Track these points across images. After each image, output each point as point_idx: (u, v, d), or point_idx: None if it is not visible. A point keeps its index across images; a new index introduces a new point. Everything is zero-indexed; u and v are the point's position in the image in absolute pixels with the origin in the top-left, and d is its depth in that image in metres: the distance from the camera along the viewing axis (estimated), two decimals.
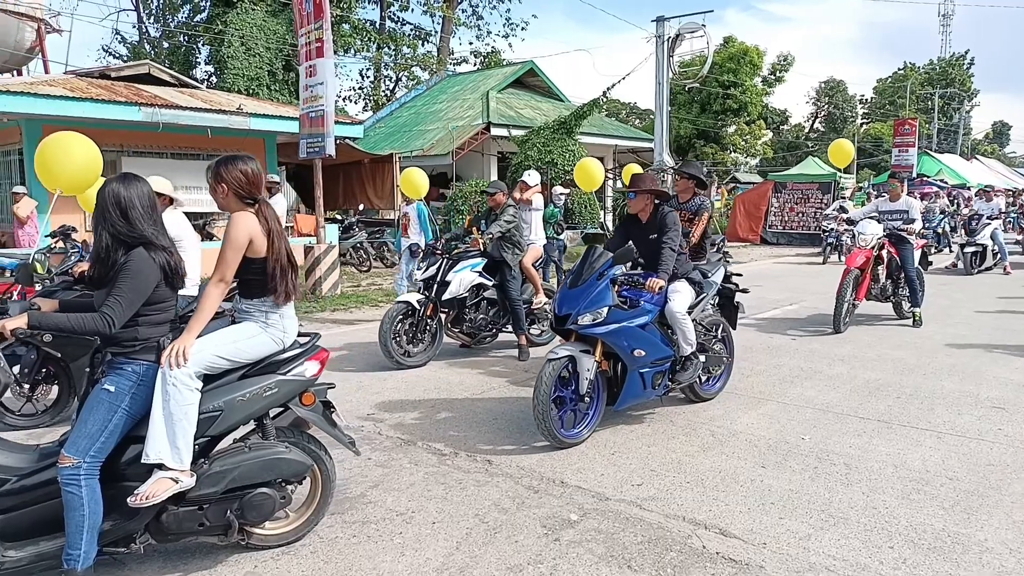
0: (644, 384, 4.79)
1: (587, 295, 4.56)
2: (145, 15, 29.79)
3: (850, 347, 7.55)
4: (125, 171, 3.14)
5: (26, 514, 2.79)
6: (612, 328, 4.57)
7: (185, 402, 2.85)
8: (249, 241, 3.03)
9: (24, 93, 11.44)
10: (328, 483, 3.40)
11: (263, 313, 3.16)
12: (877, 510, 3.69)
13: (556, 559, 3.22)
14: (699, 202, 6.07)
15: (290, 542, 3.33)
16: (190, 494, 2.93)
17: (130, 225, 2.85)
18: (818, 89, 55.67)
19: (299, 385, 3.23)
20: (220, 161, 3.14)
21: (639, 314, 4.76)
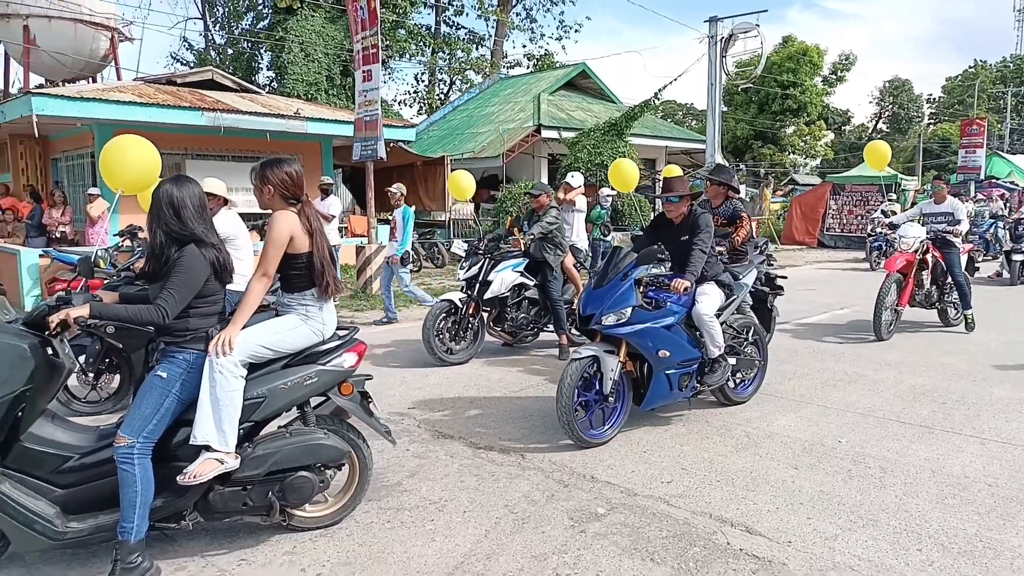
0: (671, 385, 4.81)
1: (611, 295, 4.61)
2: (211, 23, 30.89)
3: (898, 352, 7.40)
4: (179, 173, 3.36)
5: (87, 489, 3.02)
6: (636, 328, 4.59)
7: (231, 388, 3.04)
8: (290, 238, 3.22)
9: (96, 99, 12.06)
10: (365, 470, 3.57)
11: (304, 306, 3.34)
12: (909, 513, 3.66)
13: (580, 550, 3.31)
14: (733, 206, 6.06)
15: (328, 525, 3.50)
16: (235, 475, 3.13)
17: (182, 223, 3.07)
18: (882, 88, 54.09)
19: (338, 375, 3.40)
20: (265, 163, 3.34)
21: (664, 315, 4.76)
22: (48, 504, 2.95)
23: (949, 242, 8.23)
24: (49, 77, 20.80)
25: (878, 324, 7.81)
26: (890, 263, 8.09)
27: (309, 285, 3.34)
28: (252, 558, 3.23)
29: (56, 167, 14.82)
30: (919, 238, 8.03)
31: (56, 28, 19.49)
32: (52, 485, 2.99)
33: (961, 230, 8.18)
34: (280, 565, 3.18)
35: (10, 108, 12.47)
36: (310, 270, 3.31)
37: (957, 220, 8.21)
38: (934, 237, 8.21)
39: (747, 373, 5.57)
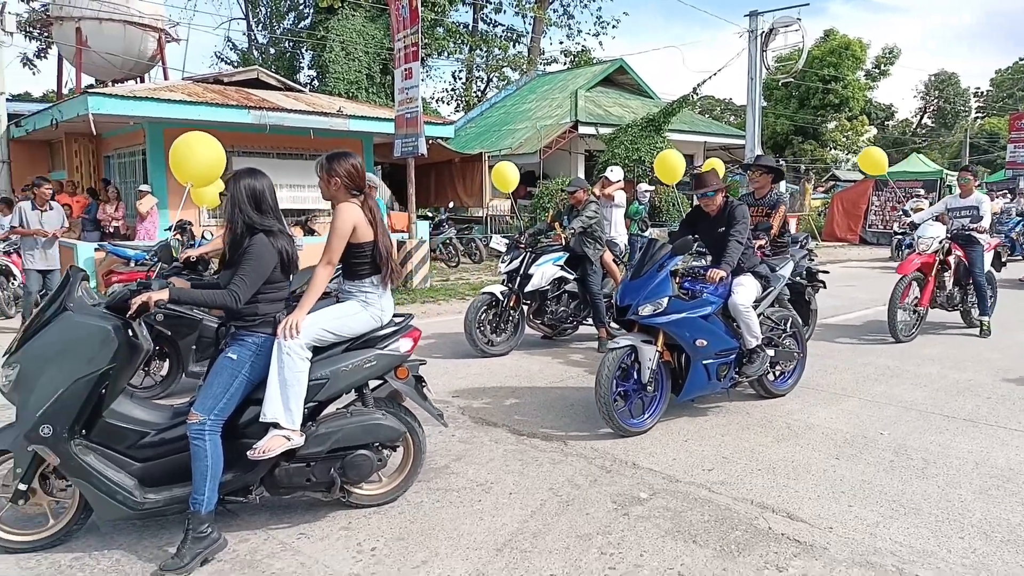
0: (709, 375, 4.87)
1: (647, 286, 4.67)
2: (254, 23, 31.51)
3: (942, 348, 7.33)
4: (249, 167, 3.53)
5: (162, 463, 3.23)
6: (673, 318, 4.67)
7: (297, 369, 3.22)
8: (353, 228, 3.39)
9: (148, 98, 12.47)
10: (419, 451, 3.73)
11: (364, 293, 3.51)
12: (951, 503, 3.69)
13: (624, 531, 3.41)
14: (776, 196, 6.07)
15: (384, 503, 3.67)
16: (299, 452, 3.31)
17: (262, 215, 3.25)
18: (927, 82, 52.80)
19: (395, 359, 3.57)
20: (331, 156, 3.51)
21: (701, 305, 4.82)
22: (127, 476, 3.16)
23: (973, 240, 7.86)
24: (100, 77, 21.47)
25: (893, 325, 7.53)
26: (905, 265, 7.77)
27: (370, 273, 3.50)
28: (311, 532, 3.40)
29: (108, 164, 15.32)
30: (938, 238, 7.73)
31: (106, 30, 20.10)
32: (131, 459, 3.20)
33: (984, 227, 7.79)
34: (337, 539, 3.33)
35: (67, 107, 12.95)
36: (372, 259, 3.47)
37: (980, 216, 7.82)
38: (955, 235, 7.89)
39: (786, 366, 5.59)
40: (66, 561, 3.13)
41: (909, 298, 7.74)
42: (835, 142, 38.53)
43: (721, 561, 3.14)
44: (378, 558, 3.16)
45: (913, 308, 7.79)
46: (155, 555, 3.17)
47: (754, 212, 6.01)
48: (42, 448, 3.02)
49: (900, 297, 7.58)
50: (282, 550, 3.23)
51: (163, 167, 13.49)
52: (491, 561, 3.13)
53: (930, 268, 7.76)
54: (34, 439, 3.01)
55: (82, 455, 3.08)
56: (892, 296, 7.59)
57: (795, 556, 3.18)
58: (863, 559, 3.14)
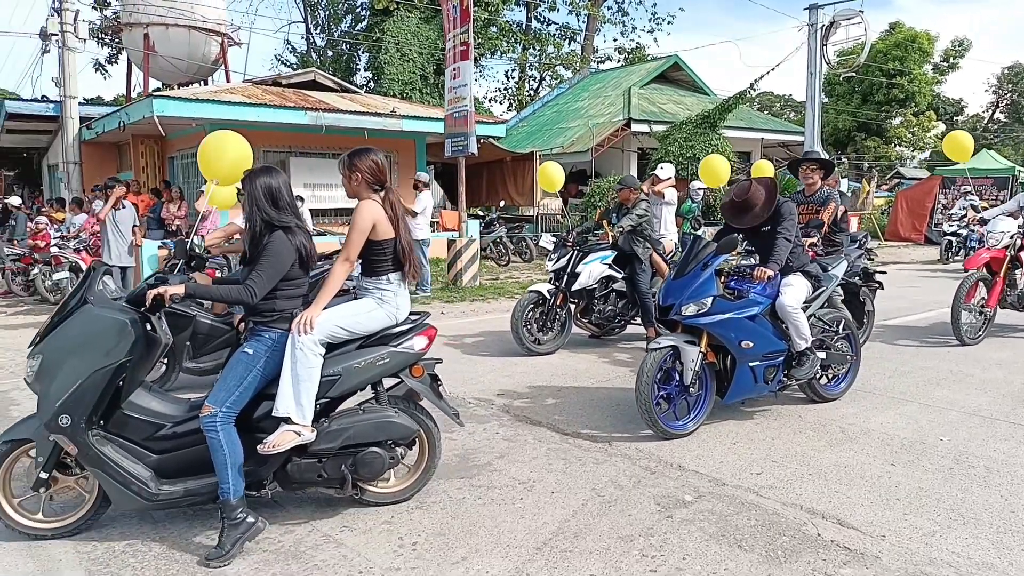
0: (755, 378, 4.72)
1: (691, 285, 4.56)
2: (312, 26, 32.21)
3: (1009, 352, 7.00)
4: (266, 164, 3.58)
5: (178, 455, 3.28)
6: (717, 319, 4.53)
7: (310, 365, 3.24)
8: (373, 225, 3.39)
9: (210, 100, 12.87)
10: (434, 450, 3.69)
11: (380, 290, 3.50)
12: (1015, 513, 3.52)
13: (667, 533, 3.35)
14: (827, 192, 5.88)
15: (398, 501, 3.64)
16: (311, 448, 3.31)
17: (279, 212, 3.29)
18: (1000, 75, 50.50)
19: (409, 357, 3.54)
20: (352, 153, 3.53)
21: (747, 305, 4.68)
22: (144, 467, 3.23)
23: None
24: (166, 81, 22.25)
25: (957, 327, 7.21)
26: (973, 260, 7.48)
27: (387, 270, 3.49)
28: (354, 525, 3.45)
29: (172, 165, 15.86)
30: (1009, 233, 7.39)
31: (172, 35, 20.81)
32: (148, 450, 3.26)
33: None
34: (379, 533, 3.37)
35: (134, 110, 13.47)
36: (392, 256, 3.47)
37: None
38: None
39: (838, 369, 5.40)
40: (120, 547, 3.25)
41: (975, 298, 7.40)
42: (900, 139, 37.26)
43: (767, 567, 3.06)
44: (418, 553, 3.18)
45: (979, 309, 7.45)
46: (204, 542, 3.26)
47: (803, 210, 5.85)
48: (61, 438, 3.10)
49: (965, 297, 7.26)
50: (325, 542, 3.29)
51: None
52: (531, 560, 3.12)
53: (999, 265, 7.42)
54: (54, 428, 3.09)
55: (99, 445, 3.15)
56: (956, 296, 7.28)
57: (844, 564, 3.07)
58: (917, 569, 3.02)
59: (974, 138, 32.24)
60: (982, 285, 7.45)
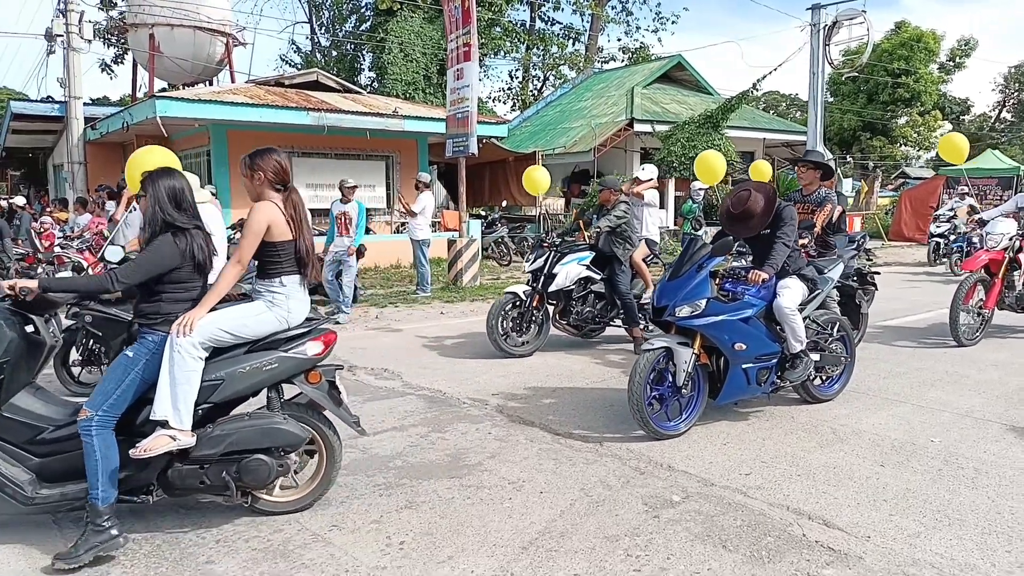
0: (748, 380, 4.73)
1: (685, 287, 4.57)
2: (317, 26, 32.30)
3: (1008, 353, 7.00)
4: (166, 166, 3.52)
5: (59, 459, 3.23)
6: (711, 321, 4.55)
7: (188, 368, 3.18)
8: (268, 227, 3.36)
9: (212, 101, 12.94)
10: (332, 459, 3.58)
11: (272, 293, 3.44)
12: (1000, 514, 3.53)
13: (653, 534, 3.38)
14: (823, 194, 5.90)
15: (295, 511, 3.56)
16: (193, 453, 3.26)
17: (181, 214, 3.30)
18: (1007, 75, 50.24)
19: (300, 363, 3.43)
20: (254, 153, 3.51)
21: (741, 308, 4.69)
22: (24, 471, 3.18)
23: None
24: (171, 81, 22.34)
25: (955, 328, 7.21)
26: (971, 262, 7.49)
27: (280, 272, 3.43)
28: (343, 524, 3.48)
29: None
30: (1008, 234, 7.40)
31: (178, 35, 20.89)
32: (29, 454, 3.22)
33: None
34: (367, 532, 3.41)
35: (137, 111, 13.56)
36: (288, 258, 3.43)
37: None
38: None
39: (832, 370, 5.41)
40: None
41: (973, 300, 7.40)
42: (905, 138, 37.14)
43: (750, 567, 3.08)
44: (405, 552, 3.22)
45: (977, 311, 7.45)
46: (195, 541, 3.31)
47: (800, 209, 5.87)
48: None
49: (964, 298, 7.26)
50: (314, 541, 3.32)
51: (226, 167, 14.01)
52: (516, 559, 3.15)
53: (998, 266, 7.41)
54: None
55: None
56: (955, 297, 7.28)
57: (827, 564, 3.10)
58: (900, 570, 3.04)
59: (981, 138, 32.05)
60: (980, 286, 7.44)
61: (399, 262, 14.42)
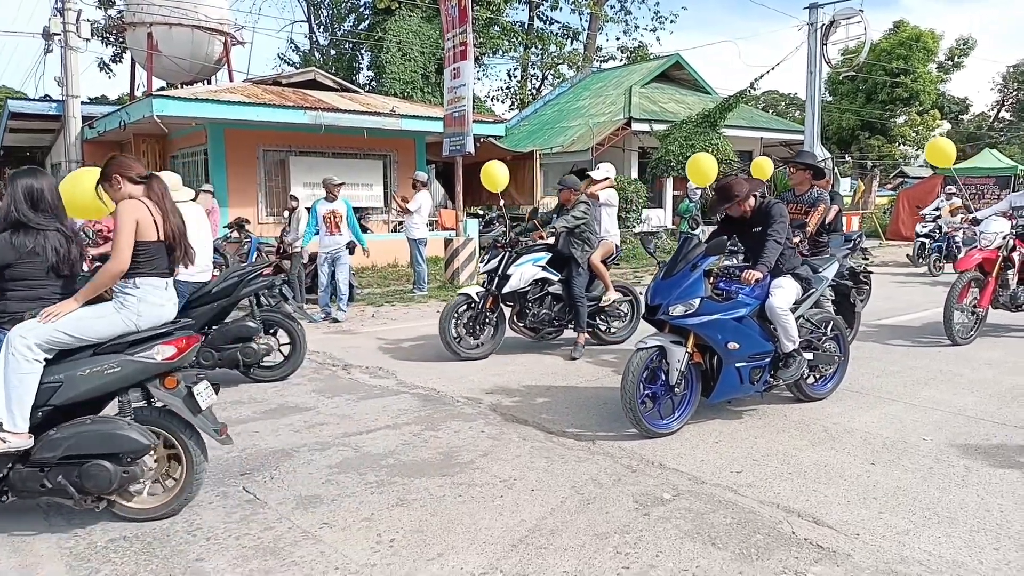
0: (741, 379, 4.74)
1: (679, 286, 4.57)
2: (316, 25, 32.28)
3: (1002, 351, 7.01)
4: (31, 166, 3.58)
5: None
6: (704, 320, 4.55)
7: (21, 371, 3.14)
8: (136, 223, 3.34)
9: (209, 100, 12.94)
10: (192, 467, 3.49)
11: (123, 295, 3.39)
12: (990, 512, 3.54)
13: (643, 531, 3.39)
14: (816, 194, 5.92)
15: (157, 518, 3.48)
16: (33, 456, 3.23)
17: (36, 213, 3.31)
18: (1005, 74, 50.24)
19: (147, 367, 3.35)
20: (102, 168, 3.53)
21: (735, 307, 4.69)
22: None
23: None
24: (169, 80, 22.34)
25: (950, 327, 7.21)
26: (964, 261, 7.49)
27: (136, 274, 3.39)
28: (334, 522, 3.49)
29: (174, 164, 15.93)
30: (1001, 233, 7.41)
31: (176, 34, 20.89)
32: None
33: None
34: (358, 530, 3.41)
35: (134, 109, 13.55)
36: (149, 259, 3.41)
37: None
38: (1022, 232, 7.52)
39: (826, 369, 5.41)
40: (102, 543, 3.30)
41: (967, 298, 7.41)
42: (904, 137, 37.15)
43: (738, 564, 3.09)
44: (395, 549, 3.23)
45: (971, 309, 7.46)
46: (185, 539, 3.32)
47: (793, 209, 5.89)
48: None
49: (958, 297, 7.27)
50: (304, 538, 3.33)
51: (223, 166, 14.03)
52: (505, 556, 3.16)
53: (992, 265, 7.43)
54: None
55: None
56: (949, 296, 7.30)
57: (816, 562, 3.11)
58: (888, 568, 3.05)
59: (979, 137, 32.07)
60: (975, 285, 7.45)
61: (396, 261, 14.43)
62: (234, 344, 5.66)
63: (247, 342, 5.68)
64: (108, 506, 3.41)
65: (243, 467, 4.20)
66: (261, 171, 14.51)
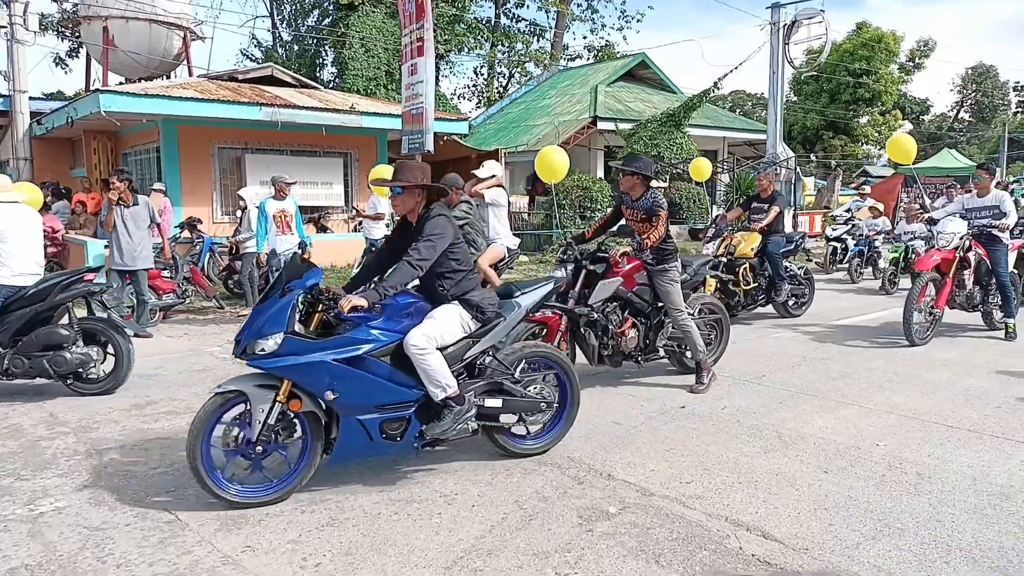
0: (369, 434, 3.71)
1: (263, 316, 3.58)
2: (278, 21, 31.69)
3: (957, 352, 7.01)
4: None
5: None
6: (288, 362, 3.51)
7: None
8: None
9: (160, 96, 12.53)
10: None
11: None
12: (941, 523, 3.45)
13: (584, 549, 3.23)
14: (652, 197, 5.56)
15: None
16: None
17: None
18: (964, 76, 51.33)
19: None
20: None
21: (345, 344, 3.62)
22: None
23: (995, 238, 7.51)
24: (127, 76, 21.71)
25: (908, 327, 7.18)
26: (922, 262, 7.47)
27: None
28: (257, 545, 3.27)
29: (126, 161, 15.46)
30: (959, 234, 7.40)
31: (133, 29, 20.30)
32: None
33: (1008, 224, 7.39)
34: (283, 553, 3.20)
35: (82, 105, 13.08)
36: None
37: (1003, 213, 7.41)
38: (979, 233, 7.53)
39: (536, 417, 4.32)
40: (1, 571, 3.05)
41: (925, 298, 7.40)
42: (867, 137, 37.72)
43: None
44: (321, 574, 3.03)
45: (929, 310, 7.44)
46: (94, 566, 3.08)
47: (629, 215, 5.71)
48: None
49: (916, 298, 7.25)
50: (223, 564, 3.11)
51: (176, 163, 13.62)
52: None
53: (949, 266, 7.42)
54: None
55: None
56: (909, 296, 7.28)
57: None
58: None
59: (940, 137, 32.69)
60: (932, 286, 7.44)
61: (356, 261, 14.14)
62: (43, 352, 5.51)
63: (58, 350, 5.52)
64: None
65: (169, 484, 3.96)
66: (216, 169, 14.12)
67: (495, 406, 4.07)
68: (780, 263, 8.42)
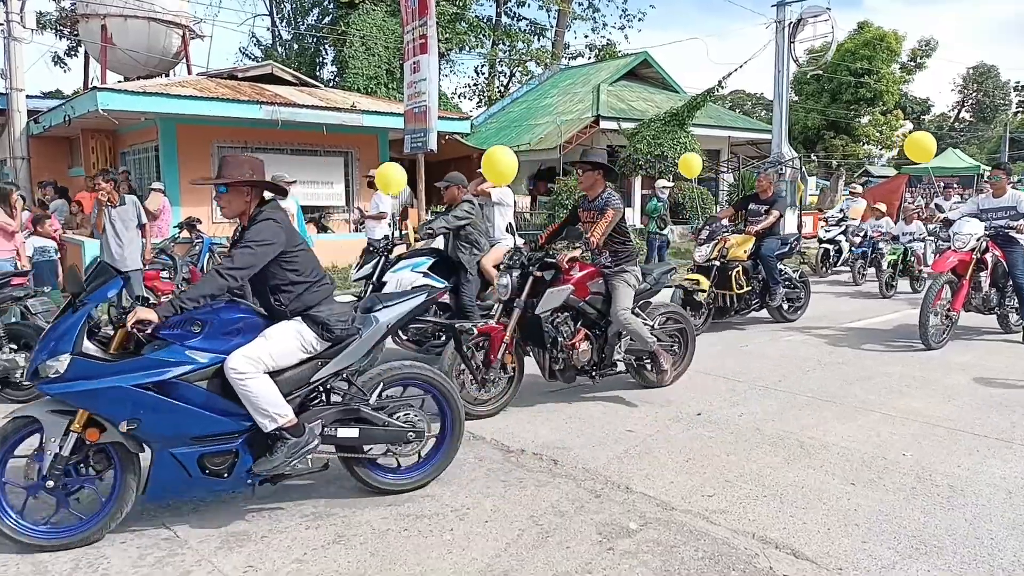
0: (186, 469, 3.27)
1: (54, 333, 3.19)
2: (278, 19, 31.49)
3: (974, 355, 6.84)
4: None
5: None
6: (78, 388, 3.10)
7: None
8: None
9: (159, 94, 12.35)
10: None
11: None
12: (980, 540, 3.28)
13: (606, 569, 3.06)
14: (606, 197, 5.26)
15: None
16: None
17: None
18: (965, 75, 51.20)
19: None
20: None
21: (149, 367, 3.19)
22: None
23: (1012, 239, 7.32)
24: (125, 75, 21.51)
25: (924, 331, 7.00)
26: (939, 263, 7.29)
27: None
28: (260, 565, 3.10)
29: (124, 160, 15.28)
30: (976, 235, 7.19)
31: (131, 27, 20.11)
32: None
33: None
34: (287, 574, 3.03)
35: (79, 103, 12.90)
36: None
37: (1021, 214, 7.22)
38: (995, 234, 7.34)
39: (410, 449, 3.81)
40: None
41: (941, 301, 7.22)
42: (868, 137, 37.57)
43: None
44: None
45: (945, 313, 7.27)
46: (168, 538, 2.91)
47: (585, 216, 5.44)
48: None
49: (933, 300, 7.08)
50: None
51: (175, 163, 13.43)
52: None
53: (966, 268, 7.24)
54: None
55: None
56: (924, 299, 7.11)
57: None
58: None
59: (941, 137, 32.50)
60: (948, 288, 7.27)
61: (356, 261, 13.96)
62: None
63: None
64: None
65: None
66: (215, 168, 13.93)
67: (350, 436, 3.58)
68: (774, 266, 8.13)
